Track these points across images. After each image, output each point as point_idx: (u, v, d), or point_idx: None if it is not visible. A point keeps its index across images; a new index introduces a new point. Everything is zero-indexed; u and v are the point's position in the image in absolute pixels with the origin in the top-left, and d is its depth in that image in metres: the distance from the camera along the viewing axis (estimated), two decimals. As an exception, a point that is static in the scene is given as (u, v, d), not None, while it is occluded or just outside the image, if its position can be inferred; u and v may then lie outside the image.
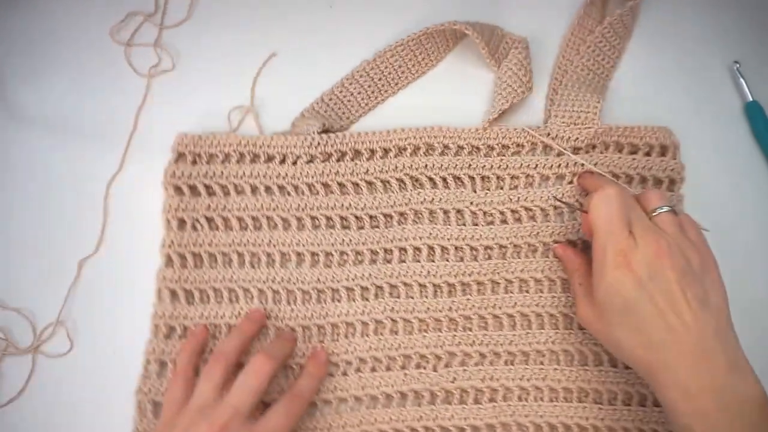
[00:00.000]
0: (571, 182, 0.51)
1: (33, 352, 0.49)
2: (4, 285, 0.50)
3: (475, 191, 0.51)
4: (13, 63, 0.55)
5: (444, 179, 0.51)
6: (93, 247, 0.51)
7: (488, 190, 0.51)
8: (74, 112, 0.53)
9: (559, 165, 0.51)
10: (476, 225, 0.50)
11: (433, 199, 0.50)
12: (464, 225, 0.50)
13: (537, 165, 0.51)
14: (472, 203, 0.50)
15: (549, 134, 0.51)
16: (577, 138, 0.51)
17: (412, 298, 0.49)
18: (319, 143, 0.50)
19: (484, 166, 0.51)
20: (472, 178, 0.51)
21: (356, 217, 0.50)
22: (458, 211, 0.50)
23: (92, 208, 0.52)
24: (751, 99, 0.54)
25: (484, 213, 0.51)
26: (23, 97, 0.54)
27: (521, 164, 0.51)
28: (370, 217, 0.50)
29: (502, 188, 0.51)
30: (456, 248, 0.50)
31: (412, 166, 0.51)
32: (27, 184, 0.52)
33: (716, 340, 0.39)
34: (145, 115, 0.54)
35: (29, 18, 0.55)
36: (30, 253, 0.51)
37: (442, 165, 0.51)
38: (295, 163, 0.51)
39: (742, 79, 0.54)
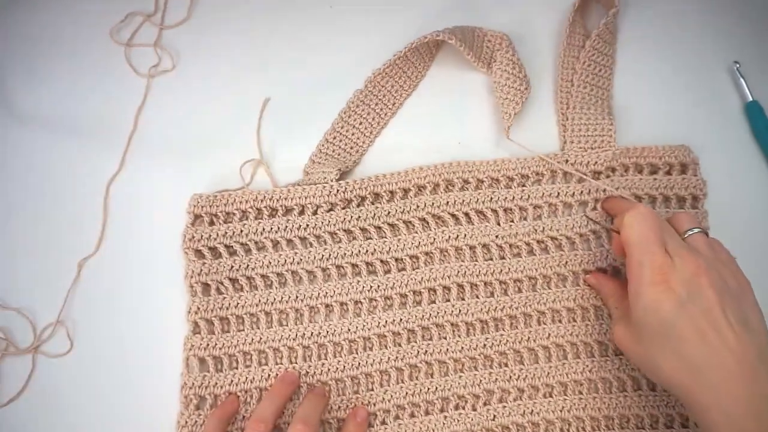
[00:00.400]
0: (594, 208, 0.50)
1: (33, 352, 0.49)
2: (4, 285, 0.50)
3: (499, 224, 0.50)
4: (13, 63, 0.54)
5: (467, 215, 0.50)
6: (93, 247, 0.50)
7: (512, 222, 0.50)
8: (74, 112, 0.53)
9: (581, 192, 0.50)
10: (503, 258, 0.50)
11: (458, 236, 0.49)
12: (491, 260, 0.49)
13: (559, 193, 0.50)
14: (497, 237, 0.49)
15: (567, 160, 0.51)
16: (596, 162, 0.50)
17: (446, 338, 0.48)
18: (338, 190, 0.49)
19: (506, 198, 0.50)
20: (494, 211, 0.50)
21: (382, 262, 0.49)
22: (484, 245, 0.50)
23: (92, 208, 0.51)
24: (751, 99, 0.54)
25: (511, 246, 0.50)
26: (23, 97, 0.54)
27: (542, 193, 0.50)
28: (396, 260, 0.49)
29: (526, 219, 0.50)
30: (485, 284, 0.49)
31: (433, 204, 0.50)
32: (27, 185, 0.52)
33: (760, 362, 0.38)
34: (145, 115, 0.53)
35: (29, 18, 0.55)
36: (30, 253, 0.51)
37: (463, 200, 0.50)
38: (315, 213, 0.49)
39: (742, 79, 0.54)
